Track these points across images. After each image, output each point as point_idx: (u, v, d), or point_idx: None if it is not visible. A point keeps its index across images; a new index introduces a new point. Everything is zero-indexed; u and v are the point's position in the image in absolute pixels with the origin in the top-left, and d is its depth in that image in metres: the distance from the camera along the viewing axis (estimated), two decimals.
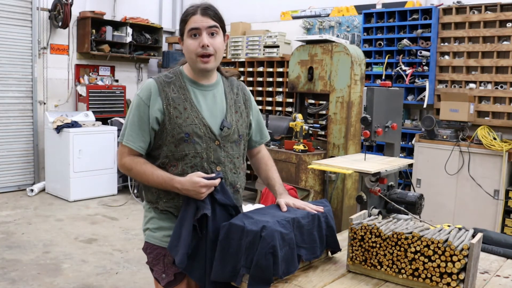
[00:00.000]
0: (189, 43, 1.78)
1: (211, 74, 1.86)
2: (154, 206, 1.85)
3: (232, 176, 1.85)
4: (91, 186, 6.18)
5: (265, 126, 2.10)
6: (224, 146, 1.82)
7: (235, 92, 1.94)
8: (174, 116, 1.76)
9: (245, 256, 1.60)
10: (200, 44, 1.75)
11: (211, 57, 1.77)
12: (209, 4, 1.80)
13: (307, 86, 4.57)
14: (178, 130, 1.75)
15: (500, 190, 4.58)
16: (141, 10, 7.70)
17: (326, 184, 4.37)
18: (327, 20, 6.21)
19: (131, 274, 3.85)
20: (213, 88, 1.87)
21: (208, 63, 1.78)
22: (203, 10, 1.76)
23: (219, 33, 1.79)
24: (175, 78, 1.83)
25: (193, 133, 1.76)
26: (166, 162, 1.80)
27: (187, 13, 1.80)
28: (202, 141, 1.78)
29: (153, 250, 1.85)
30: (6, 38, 6.22)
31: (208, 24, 1.75)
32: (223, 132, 1.81)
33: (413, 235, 1.60)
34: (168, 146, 1.78)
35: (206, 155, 1.78)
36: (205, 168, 1.78)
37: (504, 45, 4.80)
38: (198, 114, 1.79)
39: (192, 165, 1.77)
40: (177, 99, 1.78)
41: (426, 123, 4.96)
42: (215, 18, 1.78)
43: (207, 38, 1.75)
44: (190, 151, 1.76)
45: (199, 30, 1.75)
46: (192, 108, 1.79)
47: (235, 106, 1.90)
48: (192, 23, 1.76)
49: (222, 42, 1.81)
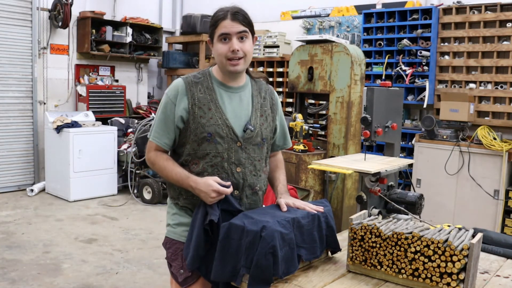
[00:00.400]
0: (219, 47, 1.82)
1: (240, 76, 1.91)
2: (175, 202, 1.93)
3: (252, 178, 1.88)
4: (91, 186, 6.18)
5: (288, 132, 2.14)
6: (246, 148, 1.86)
7: (263, 96, 1.97)
8: (198, 116, 1.81)
9: (245, 256, 1.61)
10: (230, 48, 1.79)
11: (241, 60, 1.82)
12: (238, 9, 1.84)
13: (307, 86, 4.57)
14: (201, 130, 1.80)
15: (500, 190, 4.58)
16: (141, 10, 7.70)
17: (326, 184, 4.37)
18: (327, 20, 6.21)
19: (131, 274, 3.86)
20: (241, 91, 1.91)
21: (238, 66, 1.82)
22: (232, 15, 1.80)
23: (248, 37, 1.84)
24: (203, 79, 1.88)
25: (215, 133, 1.81)
26: (189, 160, 1.85)
27: (217, 18, 1.83)
28: (224, 141, 1.82)
29: (172, 245, 1.91)
30: (6, 38, 6.22)
31: (238, 29, 1.80)
32: (246, 134, 1.85)
33: (413, 235, 1.60)
34: (191, 144, 1.83)
35: (227, 155, 1.83)
36: (225, 168, 1.82)
37: (504, 45, 4.80)
38: (222, 115, 1.83)
39: (212, 164, 1.82)
40: (203, 99, 1.83)
41: (426, 123, 4.96)
42: (245, 22, 1.82)
43: (237, 43, 1.80)
44: (212, 150, 1.81)
45: (229, 35, 1.79)
46: (216, 109, 1.83)
47: (261, 109, 1.93)
48: (222, 28, 1.80)
49: (251, 46, 1.86)
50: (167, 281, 3.73)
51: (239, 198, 1.86)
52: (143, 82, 7.92)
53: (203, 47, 7.35)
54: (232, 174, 1.83)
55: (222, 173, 1.82)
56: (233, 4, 1.85)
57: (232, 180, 1.83)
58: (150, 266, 4.02)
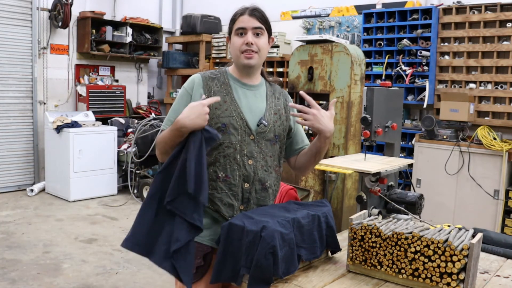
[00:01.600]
0: (235, 40, 1.88)
1: (255, 74, 1.95)
2: None
3: (263, 173, 1.89)
4: (91, 186, 6.18)
5: (305, 134, 2.15)
6: (259, 142, 1.88)
7: (277, 96, 2.01)
8: (214, 107, 1.83)
9: (245, 256, 1.61)
10: (244, 41, 1.85)
11: (255, 53, 1.86)
12: (257, 7, 1.91)
13: (307, 86, 4.57)
14: (215, 120, 1.83)
15: (500, 190, 4.58)
16: (141, 10, 7.70)
17: (326, 184, 4.37)
18: (327, 20, 6.21)
19: (131, 274, 3.86)
20: (255, 89, 1.95)
21: (251, 59, 1.86)
22: (251, 11, 1.88)
23: (264, 34, 1.89)
24: (219, 75, 1.94)
25: (229, 124, 1.84)
26: None
27: (236, 13, 1.91)
28: (238, 133, 1.85)
29: None
30: (6, 38, 6.22)
31: (254, 25, 1.86)
32: (259, 128, 1.88)
33: (413, 235, 1.60)
34: None
35: (239, 147, 1.85)
36: (237, 159, 1.84)
37: (504, 45, 4.80)
38: (236, 107, 1.87)
39: (225, 154, 1.84)
40: (218, 92, 1.87)
41: (426, 123, 4.96)
42: (261, 20, 1.88)
43: (251, 37, 1.85)
44: (225, 141, 1.84)
45: (245, 29, 1.86)
46: (232, 102, 1.87)
47: (274, 108, 1.96)
48: (240, 22, 1.87)
49: (266, 43, 1.91)
50: (167, 281, 3.74)
51: (249, 192, 1.87)
52: (143, 82, 7.92)
53: (203, 47, 7.35)
54: (244, 166, 1.85)
55: (234, 164, 1.84)
56: (253, 4, 1.92)
57: (243, 172, 1.84)
58: (150, 266, 4.01)
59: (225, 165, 1.84)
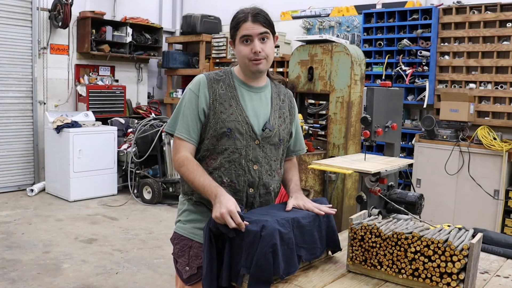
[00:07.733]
0: (241, 48, 1.84)
1: (261, 76, 1.93)
2: (189, 197, 1.92)
3: (267, 177, 1.89)
4: (91, 186, 6.18)
5: (303, 138, 2.14)
6: (263, 147, 1.87)
7: (282, 98, 1.99)
8: (219, 111, 1.82)
9: (245, 256, 1.60)
10: (252, 50, 1.81)
11: (263, 60, 1.84)
12: (259, 10, 1.85)
13: (307, 86, 4.57)
14: (221, 125, 1.82)
15: (500, 190, 4.58)
16: (141, 10, 7.70)
17: (326, 184, 4.37)
18: (327, 20, 6.21)
19: (131, 274, 3.85)
20: (261, 91, 1.93)
21: (260, 65, 1.84)
22: (253, 17, 1.81)
23: (269, 37, 1.85)
24: (224, 77, 1.91)
25: (235, 129, 1.82)
26: (206, 155, 1.86)
27: (238, 20, 1.84)
28: (243, 138, 1.84)
29: (180, 241, 1.92)
30: (6, 38, 6.22)
31: (259, 31, 1.81)
32: (264, 133, 1.87)
33: (413, 235, 1.59)
34: (210, 139, 1.84)
35: (245, 152, 1.84)
36: (242, 164, 1.83)
37: (504, 45, 4.80)
38: (242, 112, 1.85)
39: (230, 160, 1.83)
40: (224, 95, 1.86)
41: (426, 123, 4.96)
42: (266, 23, 1.83)
43: (258, 45, 1.81)
44: (230, 146, 1.83)
45: (251, 37, 1.81)
46: (237, 106, 1.85)
47: (279, 111, 1.95)
48: (244, 30, 1.81)
49: (272, 46, 1.88)
50: (167, 281, 3.74)
51: (253, 196, 1.87)
52: (143, 82, 7.92)
53: (203, 47, 7.35)
54: (249, 171, 1.84)
55: (239, 170, 1.83)
56: (253, 5, 1.87)
57: (248, 178, 1.84)
58: (150, 266, 4.02)
59: (230, 170, 1.83)
